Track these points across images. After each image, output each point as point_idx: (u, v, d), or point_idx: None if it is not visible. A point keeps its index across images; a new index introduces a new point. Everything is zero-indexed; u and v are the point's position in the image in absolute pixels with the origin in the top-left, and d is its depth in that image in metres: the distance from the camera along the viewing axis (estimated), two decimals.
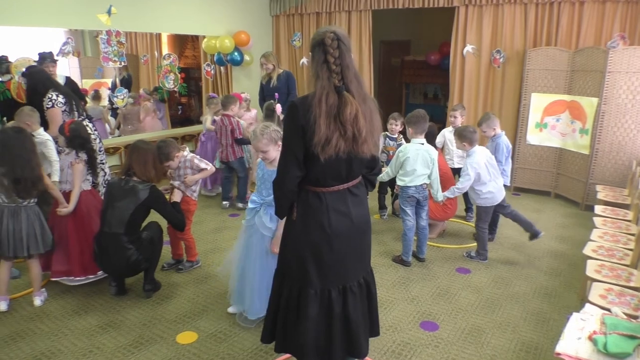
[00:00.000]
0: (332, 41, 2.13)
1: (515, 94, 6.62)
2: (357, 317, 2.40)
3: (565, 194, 6.21)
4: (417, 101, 10.44)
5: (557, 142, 6.19)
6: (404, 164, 4.14)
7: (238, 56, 7.73)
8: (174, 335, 3.20)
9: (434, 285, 3.96)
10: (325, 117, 2.09)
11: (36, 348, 3.06)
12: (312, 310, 2.32)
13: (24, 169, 3.28)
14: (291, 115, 2.18)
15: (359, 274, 2.44)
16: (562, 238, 4.98)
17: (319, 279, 2.32)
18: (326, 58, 2.14)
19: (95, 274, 3.80)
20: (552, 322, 3.41)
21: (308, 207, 2.29)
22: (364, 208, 2.41)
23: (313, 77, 2.18)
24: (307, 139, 2.12)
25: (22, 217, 3.37)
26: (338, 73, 2.14)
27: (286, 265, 2.42)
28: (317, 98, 2.11)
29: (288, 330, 2.41)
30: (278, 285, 2.48)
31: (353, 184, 2.34)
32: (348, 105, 2.11)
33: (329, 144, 2.11)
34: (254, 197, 3.20)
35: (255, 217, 3.17)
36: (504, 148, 4.60)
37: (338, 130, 2.12)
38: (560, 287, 3.94)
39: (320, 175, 2.22)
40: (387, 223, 5.38)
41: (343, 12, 7.84)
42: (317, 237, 2.28)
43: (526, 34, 6.46)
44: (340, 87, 2.13)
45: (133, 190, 3.47)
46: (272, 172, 3.06)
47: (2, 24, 5.21)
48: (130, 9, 6.24)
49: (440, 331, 3.30)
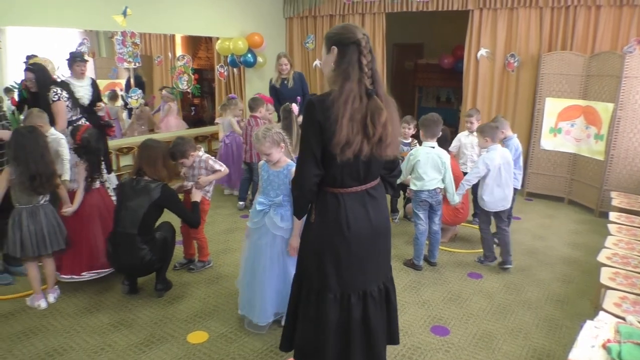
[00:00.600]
0: (366, 44, 2.10)
1: (529, 98, 6.58)
2: (377, 324, 2.36)
3: (579, 200, 6.15)
4: (429, 105, 10.40)
5: (572, 147, 6.14)
6: (414, 167, 4.13)
7: (251, 58, 7.77)
8: (185, 335, 3.22)
9: (445, 289, 3.94)
10: (348, 119, 2.05)
11: (49, 344, 3.09)
12: (332, 316, 2.29)
13: (38, 164, 3.33)
14: (309, 113, 2.13)
15: (379, 279, 2.40)
16: (575, 245, 4.94)
17: (338, 283, 2.28)
18: (359, 59, 2.10)
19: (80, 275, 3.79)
20: (565, 330, 3.38)
21: (326, 208, 2.26)
22: (383, 210, 2.37)
23: (339, 75, 2.11)
24: (325, 137, 2.09)
25: (40, 217, 3.42)
26: (370, 76, 2.11)
27: (305, 268, 2.39)
28: (343, 98, 2.05)
29: (307, 336, 2.37)
30: (297, 289, 2.46)
31: (371, 185, 2.30)
32: (381, 110, 2.09)
33: (350, 146, 2.06)
34: (261, 199, 3.16)
35: (265, 218, 3.13)
36: (514, 151, 4.54)
37: (361, 133, 2.08)
38: (573, 294, 3.91)
39: (338, 175, 2.19)
40: (399, 227, 5.37)
41: (357, 14, 7.85)
42: (335, 240, 2.25)
43: (541, 38, 6.42)
44: (371, 91, 2.11)
45: (145, 190, 3.49)
46: (278, 173, 3.07)
47: (19, 24, 5.28)
48: (145, 10, 6.29)
49: (451, 336, 3.28)
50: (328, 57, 2.18)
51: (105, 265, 3.82)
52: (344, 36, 2.12)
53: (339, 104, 2.04)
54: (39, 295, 3.53)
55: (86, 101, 5.04)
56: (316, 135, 2.11)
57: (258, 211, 3.16)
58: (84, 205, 3.79)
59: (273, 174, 3.09)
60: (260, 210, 3.15)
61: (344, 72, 2.10)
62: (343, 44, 2.12)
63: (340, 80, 2.09)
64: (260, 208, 3.14)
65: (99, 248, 3.75)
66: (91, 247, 3.78)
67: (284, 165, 3.09)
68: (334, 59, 2.15)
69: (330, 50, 2.16)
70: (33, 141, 3.35)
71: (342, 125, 2.04)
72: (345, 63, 2.10)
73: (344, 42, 2.12)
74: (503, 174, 4.16)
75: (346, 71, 2.09)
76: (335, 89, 2.10)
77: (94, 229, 3.81)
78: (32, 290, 3.56)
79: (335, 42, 2.15)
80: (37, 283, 3.53)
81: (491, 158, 4.12)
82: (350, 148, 2.07)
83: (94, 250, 3.78)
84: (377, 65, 2.18)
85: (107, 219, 3.80)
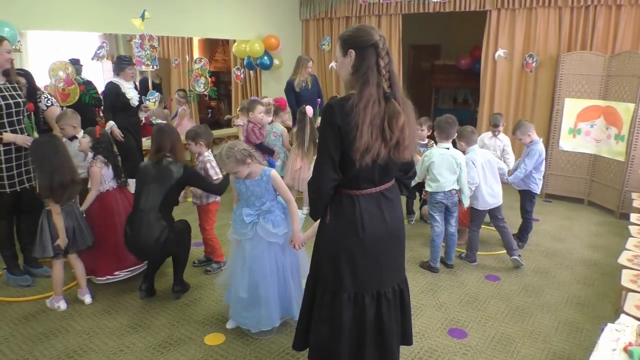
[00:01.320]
0: (383, 45, 2.09)
1: (547, 99, 6.50)
2: (391, 325, 2.36)
3: (599, 202, 6.06)
4: (446, 106, 10.35)
5: (591, 148, 6.05)
6: (429, 168, 4.11)
7: (268, 60, 7.80)
8: (202, 337, 3.23)
9: (462, 292, 3.91)
10: (368, 125, 2.04)
11: (69, 346, 3.13)
12: (346, 316, 2.29)
13: (61, 173, 3.35)
14: (328, 117, 2.12)
15: (393, 280, 2.40)
16: (595, 246, 4.87)
17: (353, 283, 2.29)
18: (377, 62, 2.08)
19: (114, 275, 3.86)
20: (585, 333, 3.33)
21: (341, 210, 2.26)
22: (398, 212, 2.37)
23: (358, 79, 2.09)
24: (344, 141, 2.08)
25: (75, 214, 3.50)
26: (387, 79, 2.10)
27: (319, 269, 2.39)
28: (363, 103, 2.03)
29: (321, 336, 2.38)
30: (311, 290, 2.46)
31: (386, 187, 2.30)
32: (399, 114, 2.08)
33: (369, 152, 2.06)
34: (248, 210, 3.07)
35: (257, 228, 3.07)
36: (537, 156, 4.49)
37: (380, 138, 2.08)
38: (593, 296, 3.85)
39: (354, 178, 2.19)
40: (415, 228, 5.34)
41: (373, 16, 7.84)
42: (350, 241, 2.25)
43: (560, 38, 6.35)
44: (389, 94, 2.09)
45: (167, 170, 3.52)
46: (258, 182, 3.05)
47: (40, 28, 5.37)
48: (162, 13, 6.35)
49: (468, 339, 3.25)
50: (345, 60, 2.16)
51: (137, 262, 3.89)
52: (362, 39, 2.10)
53: (359, 109, 2.03)
54: (59, 297, 3.57)
55: (136, 102, 5.41)
56: (335, 139, 2.10)
57: (247, 223, 3.07)
58: (109, 204, 3.83)
59: (252, 184, 3.05)
60: (250, 222, 3.08)
61: (363, 76, 2.08)
62: (360, 47, 2.11)
63: (360, 85, 2.08)
64: (249, 220, 3.06)
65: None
66: (119, 246, 3.76)
67: (260, 172, 3.06)
68: (352, 63, 2.13)
69: (347, 54, 2.14)
70: (53, 150, 3.37)
71: (362, 131, 2.03)
72: (364, 67, 2.09)
73: (361, 45, 2.10)
74: (486, 171, 4.24)
75: (365, 75, 2.08)
76: (355, 92, 2.08)
77: (120, 228, 3.78)
78: (53, 291, 3.60)
79: (353, 45, 2.13)
80: (59, 284, 3.57)
81: (473, 158, 4.20)
82: (370, 153, 2.06)
83: (122, 248, 3.75)
84: (394, 67, 2.17)
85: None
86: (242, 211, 3.09)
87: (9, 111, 3.61)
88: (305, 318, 2.50)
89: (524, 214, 4.75)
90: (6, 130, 3.60)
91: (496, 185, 4.29)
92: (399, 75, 7.69)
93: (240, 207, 3.15)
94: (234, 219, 3.17)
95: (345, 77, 2.20)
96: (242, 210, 3.11)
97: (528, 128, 4.54)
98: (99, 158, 3.78)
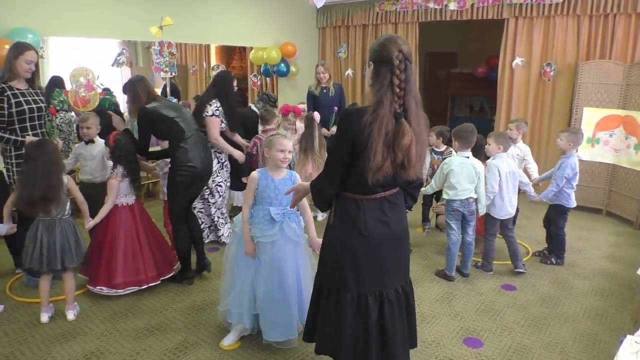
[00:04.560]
0: (400, 62, 2.10)
1: (566, 108, 6.45)
2: (394, 327, 2.40)
3: (617, 212, 5.99)
4: (462, 114, 10.30)
5: (610, 158, 5.99)
6: (447, 176, 4.09)
7: (284, 67, 7.85)
8: (218, 341, 3.24)
9: (478, 301, 3.88)
10: (382, 145, 2.09)
11: (86, 348, 3.16)
12: (350, 317, 2.35)
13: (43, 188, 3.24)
14: (345, 124, 2.19)
15: (396, 282, 2.45)
16: (614, 258, 4.80)
17: (356, 283, 2.35)
18: (392, 80, 2.10)
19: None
20: (603, 345, 3.29)
21: (346, 213, 2.34)
22: (402, 216, 2.43)
23: (374, 97, 2.13)
24: (356, 152, 2.15)
25: (56, 231, 3.35)
26: (401, 97, 2.12)
27: (325, 269, 2.47)
28: (377, 126, 2.08)
29: (327, 334, 2.44)
30: (318, 288, 2.53)
31: (391, 193, 2.37)
32: (406, 135, 2.10)
33: (380, 170, 2.12)
34: (275, 209, 2.98)
35: (285, 228, 3.00)
36: (569, 169, 4.30)
37: (390, 158, 2.13)
38: (612, 308, 3.80)
39: (360, 186, 2.27)
40: (430, 237, 5.32)
41: (389, 24, 7.85)
42: (353, 241, 2.33)
43: (579, 47, 6.30)
44: (399, 114, 2.12)
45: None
46: (285, 182, 2.99)
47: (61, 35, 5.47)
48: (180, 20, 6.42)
49: (484, 349, 3.23)
50: (368, 70, 2.25)
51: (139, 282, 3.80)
52: (379, 54, 2.16)
53: (373, 130, 2.08)
54: (44, 308, 3.48)
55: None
56: (348, 147, 2.17)
57: (275, 223, 2.97)
58: (114, 220, 3.76)
59: (281, 183, 2.99)
60: (278, 221, 2.98)
61: (377, 93, 2.13)
62: (378, 62, 2.17)
63: (375, 103, 2.12)
64: (279, 218, 2.98)
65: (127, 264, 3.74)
66: (111, 263, 3.72)
67: (287, 172, 3.05)
68: (371, 74, 2.22)
69: (369, 64, 2.23)
70: (43, 161, 3.25)
71: (376, 151, 2.09)
72: (378, 84, 2.14)
73: (379, 60, 2.16)
74: (509, 182, 4.20)
75: (379, 93, 2.12)
76: (370, 109, 2.12)
77: (121, 246, 3.74)
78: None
79: (372, 58, 2.21)
80: (45, 296, 3.47)
81: (499, 165, 4.16)
82: (381, 171, 2.14)
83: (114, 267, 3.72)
84: (412, 84, 2.17)
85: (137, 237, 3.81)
86: (269, 210, 2.96)
87: (32, 115, 3.71)
88: (313, 312, 2.57)
89: (555, 229, 4.52)
90: (28, 133, 3.69)
91: (514, 197, 4.27)
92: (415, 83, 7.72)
93: (261, 209, 3.00)
94: (256, 222, 3.00)
95: (368, 86, 2.28)
96: (267, 209, 2.97)
97: (577, 139, 4.37)
98: (119, 170, 3.73)
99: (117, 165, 3.75)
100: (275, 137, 3.00)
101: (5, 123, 3.61)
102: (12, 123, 3.64)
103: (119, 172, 3.73)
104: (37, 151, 3.27)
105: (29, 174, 3.24)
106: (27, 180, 3.25)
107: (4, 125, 3.61)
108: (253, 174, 3.03)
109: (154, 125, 3.84)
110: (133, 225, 3.83)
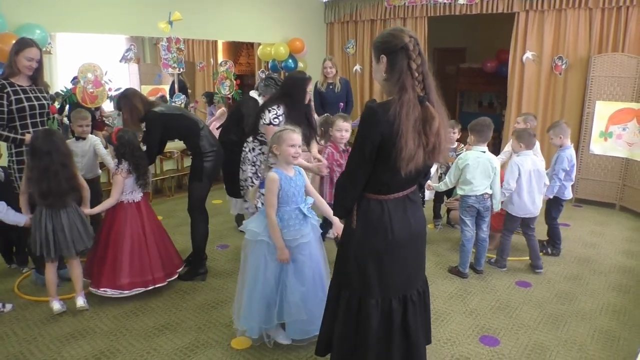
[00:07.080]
0: (415, 47, 2.04)
1: (578, 102, 6.36)
2: (417, 327, 2.34)
3: (632, 207, 5.89)
4: (471, 109, 10.19)
5: (624, 152, 5.90)
6: (463, 172, 4.01)
7: (292, 63, 7.77)
8: (229, 340, 3.20)
9: (492, 298, 3.81)
10: (412, 132, 2.01)
11: (96, 347, 3.13)
12: (374, 321, 2.27)
13: (50, 181, 3.22)
14: (371, 121, 2.07)
15: (417, 281, 2.40)
16: (629, 253, 4.72)
17: (380, 287, 2.27)
18: (409, 65, 2.04)
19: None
20: (622, 342, 3.21)
21: (369, 215, 2.24)
22: (421, 214, 2.38)
23: (395, 85, 2.06)
24: (385, 149, 2.05)
25: (61, 217, 3.32)
26: (420, 82, 2.06)
27: (345, 275, 2.35)
28: (405, 110, 2.00)
29: (347, 342, 2.35)
30: (334, 296, 2.43)
31: (412, 190, 2.31)
32: (435, 117, 2.04)
33: (413, 159, 2.03)
34: (305, 205, 2.92)
35: (312, 222, 2.96)
36: (566, 162, 4.33)
37: (422, 144, 2.05)
38: (629, 304, 3.72)
39: (385, 185, 2.18)
40: (443, 233, 5.25)
41: (398, 19, 7.76)
42: (379, 245, 2.23)
43: (591, 40, 6.20)
44: (423, 98, 2.05)
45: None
46: (298, 178, 2.92)
47: (69, 31, 5.43)
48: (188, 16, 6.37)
49: (501, 346, 3.16)
50: (378, 66, 2.16)
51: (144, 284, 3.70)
52: (391, 43, 2.08)
53: (402, 118, 2.00)
54: (52, 299, 3.48)
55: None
56: (374, 144, 2.06)
57: (307, 219, 2.91)
58: (119, 218, 3.67)
59: (296, 180, 2.90)
60: (310, 217, 2.91)
61: (398, 81, 2.05)
62: (391, 51, 2.09)
63: (398, 91, 2.05)
64: (310, 214, 2.90)
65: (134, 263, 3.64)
66: (117, 261, 3.62)
67: (294, 170, 2.95)
68: (385, 68, 2.12)
69: (379, 59, 2.14)
70: (52, 154, 3.22)
71: (407, 140, 2.00)
72: (397, 72, 2.06)
73: (392, 50, 2.08)
74: (533, 181, 4.10)
75: (401, 80, 2.04)
76: (395, 98, 2.04)
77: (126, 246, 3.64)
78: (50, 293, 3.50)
79: (384, 50, 2.12)
80: (52, 286, 3.47)
81: (522, 162, 4.07)
82: (414, 161, 2.04)
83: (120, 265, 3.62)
84: (427, 68, 2.12)
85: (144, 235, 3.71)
86: (299, 209, 2.88)
87: (32, 112, 3.62)
88: (328, 323, 2.47)
89: (549, 220, 4.58)
90: (29, 131, 3.62)
91: (538, 196, 4.16)
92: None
93: (288, 210, 2.87)
94: (290, 224, 2.86)
95: (381, 83, 2.20)
96: (295, 208, 2.88)
97: (562, 130, 4.39)
98: (124, 166, 3.64)
99: (122, 161, 3.67)
100: (284, 131, 2.90)
101: (5, 120, 3.54)
102: (12, 120, 3.56)
103: (124, 167, 3.65)
104: (49, 144, 3.24)
105: (47, 168, 3.22)
106: (45, 174, 3.22)
107: (4, 122, 3.54)
108: (273, 175, 2.83)
109: (167, 126, 3.84)
110: (139, 223, 3.72)
